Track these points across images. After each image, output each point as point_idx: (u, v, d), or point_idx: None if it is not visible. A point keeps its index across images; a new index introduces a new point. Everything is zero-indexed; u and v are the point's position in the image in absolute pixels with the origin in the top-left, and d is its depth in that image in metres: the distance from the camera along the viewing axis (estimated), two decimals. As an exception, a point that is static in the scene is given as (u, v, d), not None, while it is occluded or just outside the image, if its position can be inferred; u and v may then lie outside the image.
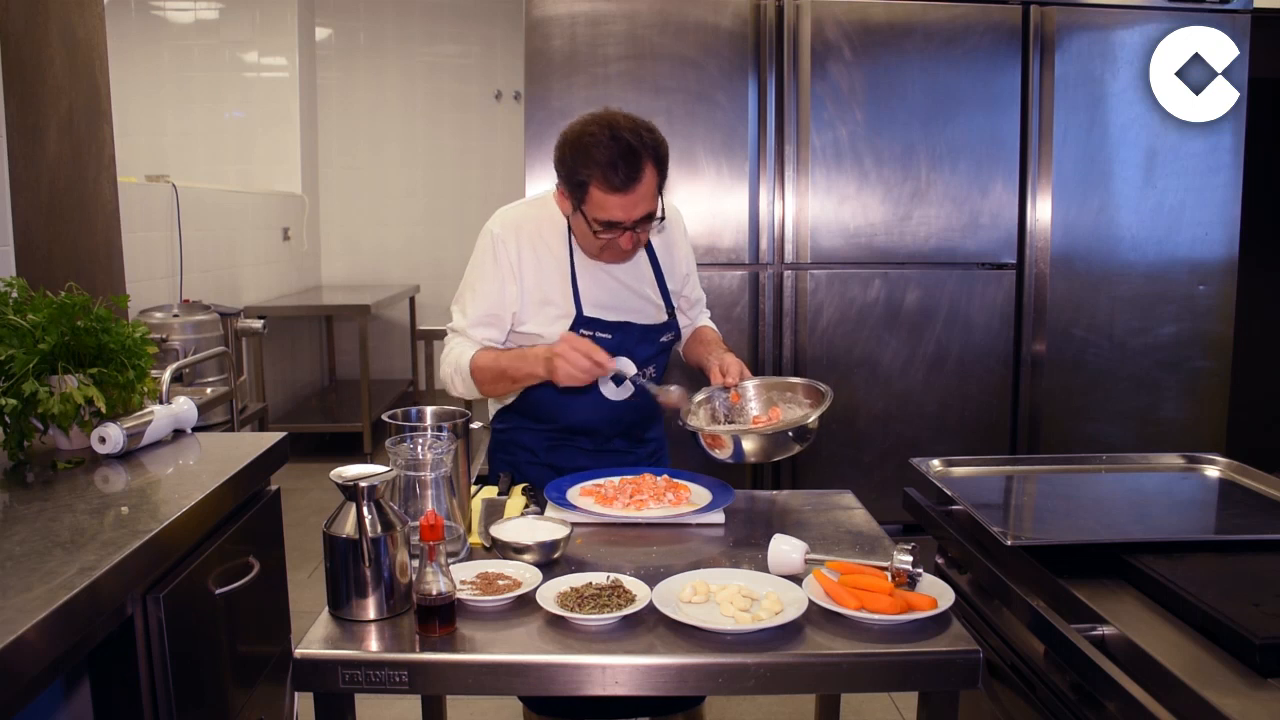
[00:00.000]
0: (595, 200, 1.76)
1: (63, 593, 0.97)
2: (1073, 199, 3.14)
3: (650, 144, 1.75)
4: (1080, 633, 1.25)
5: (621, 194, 1.74)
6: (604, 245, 1.82)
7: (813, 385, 1.87)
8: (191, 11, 6.15)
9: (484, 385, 1.90)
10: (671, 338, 2.01)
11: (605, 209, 1.76)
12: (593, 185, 1.75)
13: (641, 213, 1.77)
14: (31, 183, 2.27)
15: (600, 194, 1.75)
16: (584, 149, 1.74)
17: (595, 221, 1.78)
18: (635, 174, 1.72)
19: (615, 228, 1.78)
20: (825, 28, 3.01)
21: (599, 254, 1.87)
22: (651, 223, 1.82)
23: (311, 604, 1.43)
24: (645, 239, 1.88)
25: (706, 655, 1.24)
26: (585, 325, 1.89)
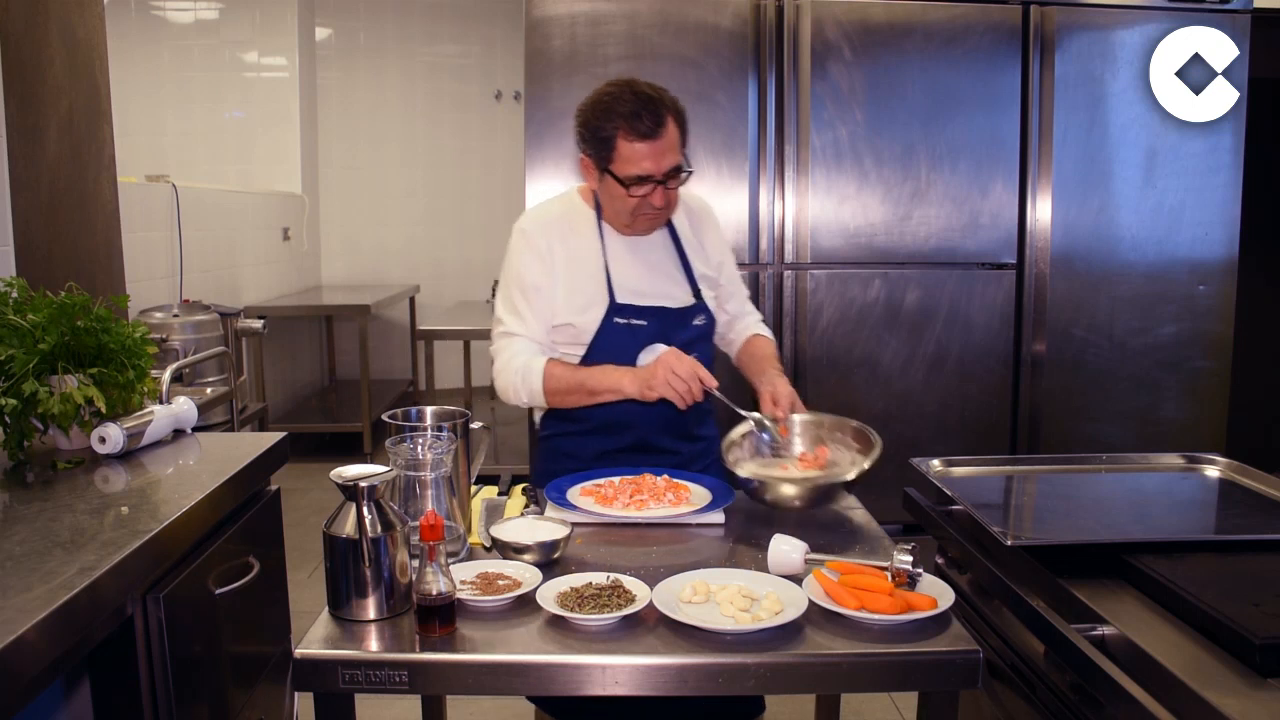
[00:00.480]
0: (623, 154, 1.78)
1: (63, 593, 0.97)
2: (1073, 199, 3.14)
3: (669, 98, 1.81)
4: (1080, 633, 1.25)
5: (649, 141, 1.77)
6: (637, 207, 1.83)
7: (862, 429, 1.82)
8: (191, 11, 6.15)
9: (554, 396, 1.87)
10: (703, 321, 1.98)
11: (634, 161, 1.78)
12: (619, 137, 1.78)
13: (670, 163, 1.79)
14: (31, 183, 2.27)
15: (627, 145, 1.77)
16: (606, 106, 1.79)
17: (626, 179, 1.79)
18: (659, 121, 1.77)
19: (646, 182, 1.79)
20: (825, 28, 3.01)
21: (632, 222, 1.87)
22: (680, 176, 1.83)
23: (311, 604, 1.43)
24: (674, 200, 1.86)
25: (706, 655, 1.24)
26: (620, 313, 1.89)
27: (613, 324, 1.90)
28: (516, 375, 1.89)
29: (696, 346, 1.94)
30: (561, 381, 1.86)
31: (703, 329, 1.98)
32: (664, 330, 1.91)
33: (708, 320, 1.99)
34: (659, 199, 1.82)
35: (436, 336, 4.83)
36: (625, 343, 1.91)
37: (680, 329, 1.93)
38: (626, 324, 1.90)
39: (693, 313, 1.96)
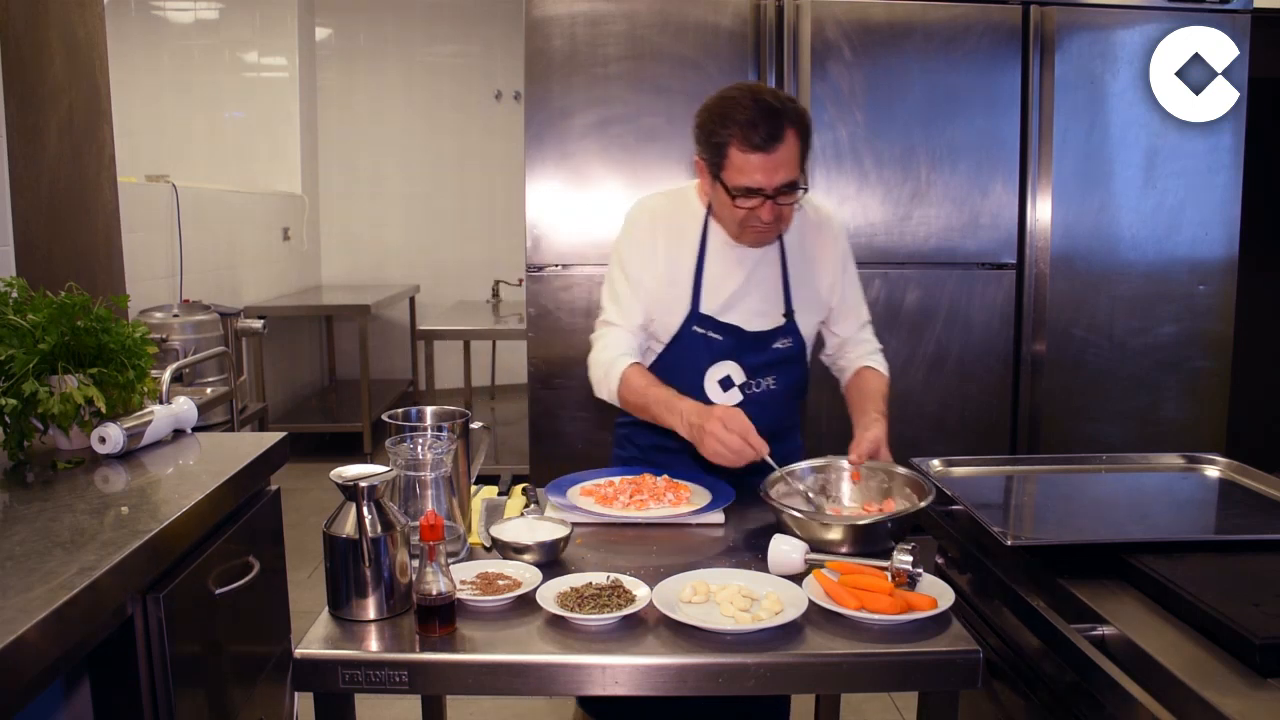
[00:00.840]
0: (734, 163, 1.71)
1: (63, 593, 0.97)
2: (1073, 199, 3.14)
3: (793, 111, 1.71)
4: (1080, 633, 1.25)
5: (762, 153, 1.68)
6: (744, 219, 1.75)
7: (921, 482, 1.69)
8: (191, 11, 6.15)
9: (625, 404, 1.85)
10: (788, 344, 1.90)
11: (745, 172, 1.70)
12: (731, 145, 1.70)
13: (783, 178, 1.70)
14: (31, 183, 2.27)
15: (739, 155, 1.69)
16: (724, 111, 1.71)
17: (735, 188, 1.72)
18: (776, 133, 1.67)
19: (755, 195, 1.71)
20: (825, 28, 3.01)
21: (740, 233, 1.80)
22: (795, 194, 1.74)
23: (311, 604, 1.43)
24: (787, 216, 1.78)
25: (706, 655, 1.24)
26: (698, 323, 1.86)
27: (690, 331, 1.87)
28: (601, 369, 1.86)
29: (775, 369, 1.89)
30: (632, 394, 1.81)
31: (785, 352, 1.91)
32: (739, 349, 1.86)
33: (794, 344, 1.91)
34: (767, 214, 1.73)
35: (436, 336, 4.83)
36: (699, 353, 1.87)
37: (756, 351, 1.88)
38: (703, 334, 1.86)
39: (775, 335, 1.89)
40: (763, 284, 1.89)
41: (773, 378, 1.90)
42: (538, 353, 3.05)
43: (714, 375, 1.88)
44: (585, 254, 3.02)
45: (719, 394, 1.88)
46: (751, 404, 1.87)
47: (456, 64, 6.75)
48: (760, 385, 1.90)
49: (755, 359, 1.88)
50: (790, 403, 1.99)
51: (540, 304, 3.03)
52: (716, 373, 1.88)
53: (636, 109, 2.98)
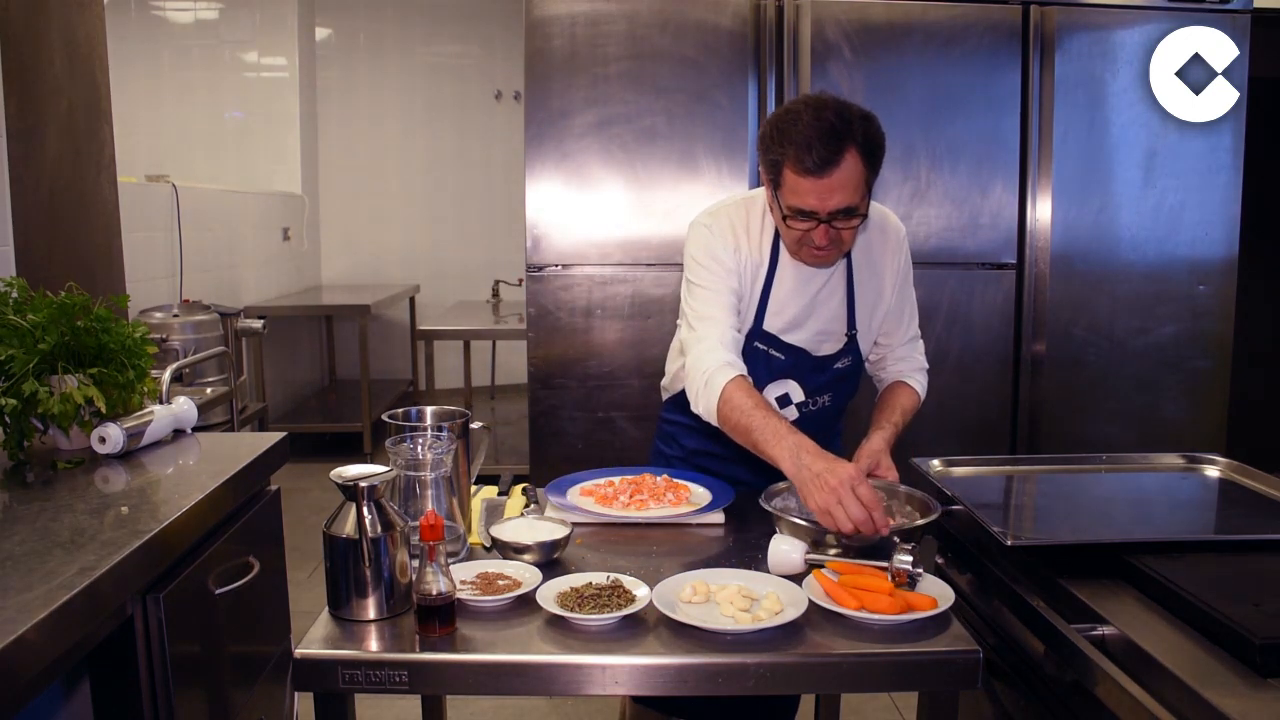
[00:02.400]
0: (788, 183, 1.63)
1: (62, 593, 0.97)
2: (1073, 199, 3.13)
3: (859, 130, 1.60)
4: (1080, 633, 1.25)
5: (814, 177, 1.59)
6: (800, 239, 1.69)
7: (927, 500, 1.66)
8: (191, 11, 6.15)
9: (725, 423, 1.69)
10: (848, 364, 1.87)
11: (798, 194, 1.62)
12: (786, 165, 1.62)
13: (838, 204, 1.61)
14: (31, 183, 2.27)
15: (793, 176, 1.61)
16: (784, 126, 1.62)
17: (788, 208, 1.65)
18: (832, 157, 1.58)
19: (808, 218, 1.64)
20: (825, 28, 3.01)
21: (797, 251, 1.73)
22: (854, 220, 1.65)
23: (311, 604, 1.43)
24: (847, 239, 1.69)
25: (706, 655, 1.24)
26: (761, 339, 1.81)
27: (752, 346, 1.83)
28: (701, 377, 1.70)
29: (833, 388, 1.87)
30: (733, 415, 1.65)
31: (844, 370, 1.88)
32: (799, 370, 1.83)
33: (854, 362, 1.89)
34: (821, 238, 1.65)
35: (436, 336, 4.83)
36: (759, 369, 1.82)
37: (817, 372, 1.85)
38: (765, 351, 1.82)
39: (838, 357, 1.85)
40: (828, 304, 1.83)
41: (829, 395, 1.89)
42: (538, 353, 3.05)
43: (772, 392, 1.84)
44: (585, 254, 3.02)
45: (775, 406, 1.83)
46: (806, 421, 1.86)
47: (456, 64, 6.75)
48: (817, 404, 1.88)
49: (816, 380, 1.85)
50: (840, 415, 2.00)
51: (540, 304, 3.03)
52: (774, 390, 1.85)
53: (636, 109, 2.98)
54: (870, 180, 1.66)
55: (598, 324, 3.01)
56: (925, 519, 1.56)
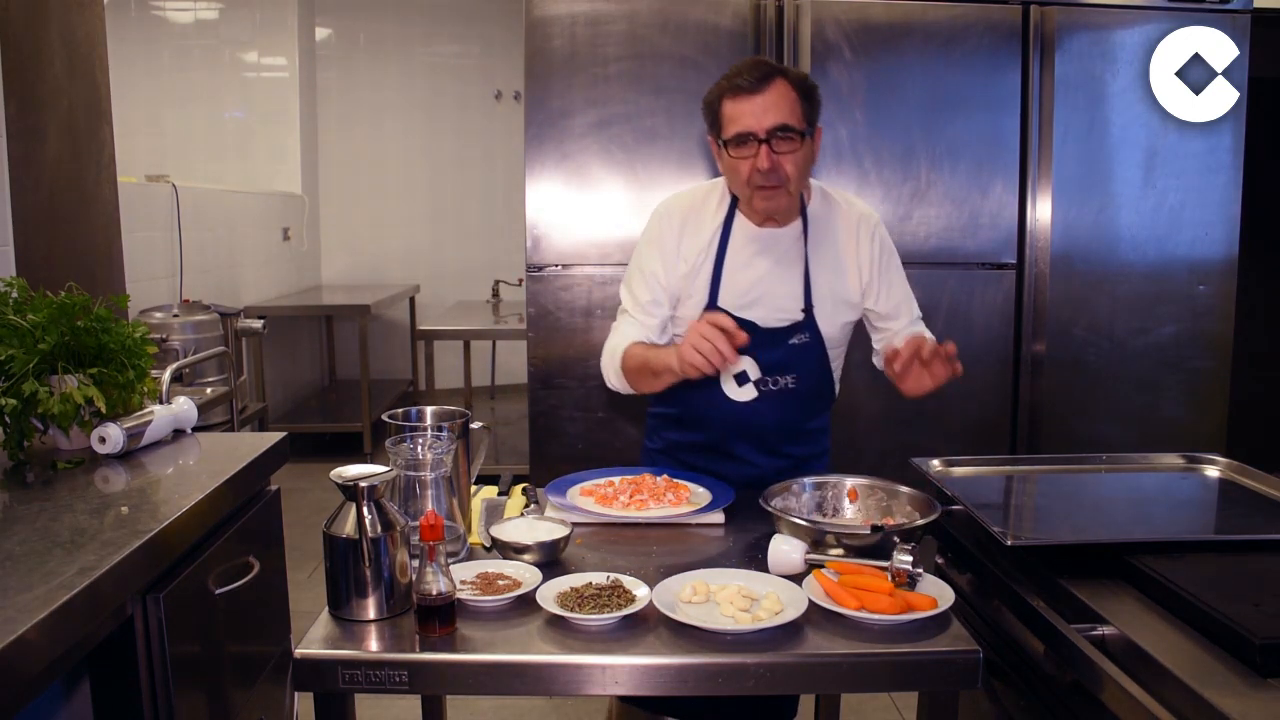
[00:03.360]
0: (727, 115, 1.74)
1: (62, 593, 0.97)
2: (1073, 199, 3.13)
3: (787, 69, 1.76)
4: (1080, 633, 1.25)
5: (748, 95, 1.70)
6: (748, 177, 1.73)
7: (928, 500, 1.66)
8: (191, 11, 6.15)
9: (629, 376, 1.84)
10: (804, 340, 1.87)
11: (736, 119, 1.72)
12: (724, 99, 1.74)
13: (774, 120, 1.70)
14: (31, 183, 2.27)
15: (730, 104, 1.73)
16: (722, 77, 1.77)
17: (729, 139, 1.73)
18: (763, 79, 1.71)
19: (749, 140, 1.71)
20: (825, 28, 3.01)
21: (751, 197, 1.78)
22: (793, 144, 1.72)
23: (311, 604, 1.43)
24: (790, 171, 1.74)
25: (706, 655, 1.24)
26: None
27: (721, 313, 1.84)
28: (608, 356, 1.88)
29: (794, 368, 1.88)
30: (632, 360, 1.81)
31: (802, 350, 1.88)
32: (753, 345, 1.81)
33: (811, 340, 1.88)
34: (764, 160, 1.71)
35: (436, 336, 4.83)
36: None
37: (771, 347, 1.85)
38: None
39: (791, 331, 1.86)
40: (784, 279, 1.86)
41: (791, 376, 1.87)
42: (538, 353, 3.05)
43: (729, 370, 1.86)
44: (585, 254, 3.02)
45: (734, 389, 1.87)
46: (768, 401, 1.87)
47: (456, 64, 6.75)
48: (778, 383, 1.87)
49: (771, 355, 1.86)
50: (811, 404, 1.95)
51: (540, 304, 3.03)
52: (731, 368, 1.86)
53: (636, 109, 2.98)
54: (808, 115, 1.76)
55: (598, 324, 3.01)
56: (925, 519, 1.56)
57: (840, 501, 1.75)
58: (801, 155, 1.76)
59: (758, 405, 1.86)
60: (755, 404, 1.86)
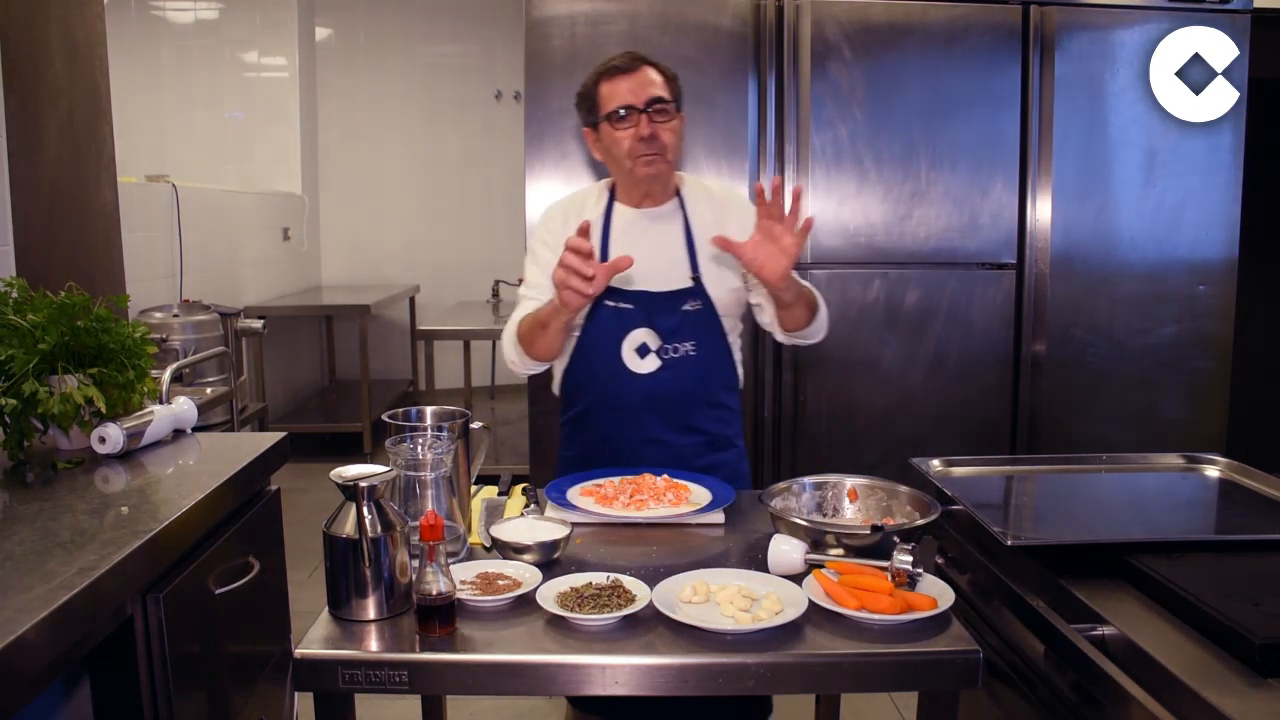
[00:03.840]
0: (603, 96, 1.89)
1: (62, 593, 0.97)
2: (1073, 199, 3.14)
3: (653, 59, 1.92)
4: (1080, 633, 1.25)
5: (624, 74, 1.87)
6: (631, 149, 1.87)
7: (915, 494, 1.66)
8: (191, 11, 6.15)
9: (525, 340, 1.92)
10: (698, 307, 1.93)
11: (614, 96, 1.87)
12: (600, 84, 1.90)
13: (650, 94, 1.86)
14: (31, 183, 2.27)
15: (607, 85, 1.89)
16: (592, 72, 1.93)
17: (610, 115, 1.87)
18: (635, 62, 1.89)
19: (630, 112, 1.86)
20: (825, 28, 3.01)
21: (634, 167, 1.89)
22: (668, 116, 1.88)
23: (311, 604, 1.43)
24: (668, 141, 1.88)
25: (706, 655, 1.24)
26: (608, 295, 1.91)
27: (603, 306, 1.93)
28: (505, 337, 1.98)
29: (691, 335, 1.93)
30: (525, 324, 1.91)
31: (696, 316, 1.94)
32: (648, 313, 1.92)
33: (704, 306, 1.94)
34: (646, 128, 1.85)
35: (436, 336, 4.83)
36: (612, 323, 1.93)
37: (666, 314, 1.93)
38: (614, 306, 1.92)
39: (683, 297, 1.94)
40: (668, 250, 1.96)
41: (690, 344, 1.93)
42: (538, 353, 3.05)
43: (630, 344, 1.93)
44: (585, 254, 3.01)
45: (637, 362, 1.93)
46: (671, 369, 1.92)
47: (456, 64, 6.75)
48: (678, 351, 1.93)
49: (667, 322, 1.93)
50: (714, 375, 1.97)
51: (540, 304, 3.03)
52: (633, 341, 1.93)
53: (636, 109, 2.97)
54: (674, 93, 1.91)
55: (598, 324, 3.00)
56: (925, 519, 1.56)
57: (840, 501, 1.75)
58: (676, 125, 1.91)
59: (661, 374, 1.93)
60: (659, 373, 1.93)
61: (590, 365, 1.95)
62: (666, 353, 1.93)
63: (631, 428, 1.97)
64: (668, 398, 1.94)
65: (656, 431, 1.96)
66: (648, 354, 1.93)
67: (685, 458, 1.95)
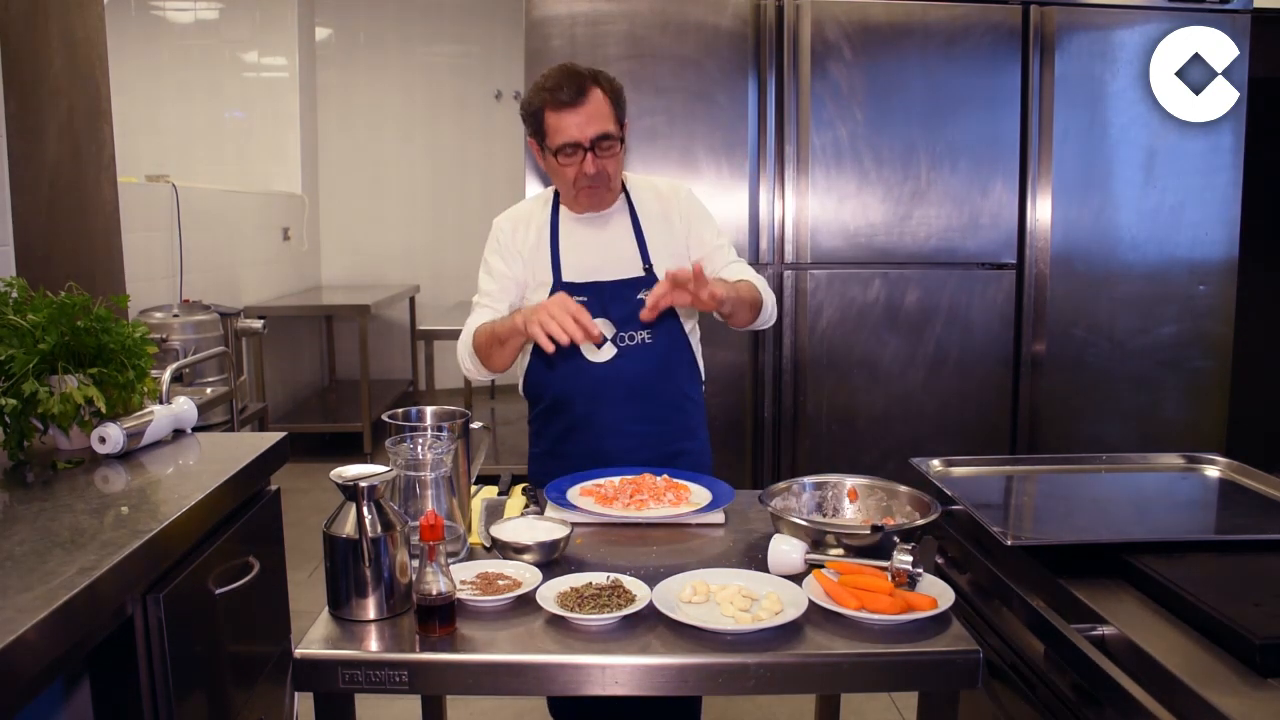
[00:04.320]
0: (551, 126, 1.86)
1: (63, 593, 0.97)
2: (1073, 199, 3.14)
3: (598, 74, 1.88)
4: (1080, 633, 1.25)
5: (570, 108, 1.83)
6: (574, 179, 1.88)
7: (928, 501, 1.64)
8: (191, 11, 6.15)
9: (481, 352, 1.96)
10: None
11: (561, 130, 1.85)
12: (546, 111, 1.86)
13: (595, 131, 1.85)
14: (31, 183, 2.27)
15: (553, 115, 1.85)
16: (537, 86, 1.88)
17: (556, 148, 1.86)
18: (580, 91, 1.84)
19: (575, 150, 1.85)
20: (825, 28, 3.01)
21: (576, 195, 1.92)
22: (612, 147, 1.88)
23: (311, 604, 1.43)
24: (612, 170, 1.91)
25: (706, 655, 1.24)
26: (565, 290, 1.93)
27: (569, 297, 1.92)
28: (462, 347, 2.01)
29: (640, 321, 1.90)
30: (481, 336, 1.94)
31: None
32: (603, 304, 1.94)
33: None
34: (590, 166, 1.86)
35: (436, 336, 4.82)
36: None
37: (620, 302, 1.95)
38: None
39: (637, 285, 1.95)
40: (618, 243, 1.99)
41: (646, 332, 1.96)
42: (538, 353, 3.05)
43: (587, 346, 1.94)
44: (585, 254, 3.01)
45: (594, 351, 1.95)
46: (627, 358, 1.94)
47: (456, 64, 6.75)
48: (634, 339, 1.95)
49: (622, 310, 1.95)
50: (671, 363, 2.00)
51: (540, 304, 3.02)
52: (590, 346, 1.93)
53: (636, 109, 2.97)
54: (620, 118, 1.90)
55: (598, 324, 3.01)
56: (925, 519, 1.56)
57: (840, 501, 1.75)
58: (620, 154, 1.92)
59: (619, 363, 1.95)
60: (616, 362, 1.95)
61: (549, 359, 1.96)
62: (622, 340, 1.95)
63: (594, 418, 1.99)
64: (626, 386, 1.97)
65: (616, 421, 1.98)
66: (604, 342, 1.95)
67: (649, 445, 1.97)
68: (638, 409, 1.98)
